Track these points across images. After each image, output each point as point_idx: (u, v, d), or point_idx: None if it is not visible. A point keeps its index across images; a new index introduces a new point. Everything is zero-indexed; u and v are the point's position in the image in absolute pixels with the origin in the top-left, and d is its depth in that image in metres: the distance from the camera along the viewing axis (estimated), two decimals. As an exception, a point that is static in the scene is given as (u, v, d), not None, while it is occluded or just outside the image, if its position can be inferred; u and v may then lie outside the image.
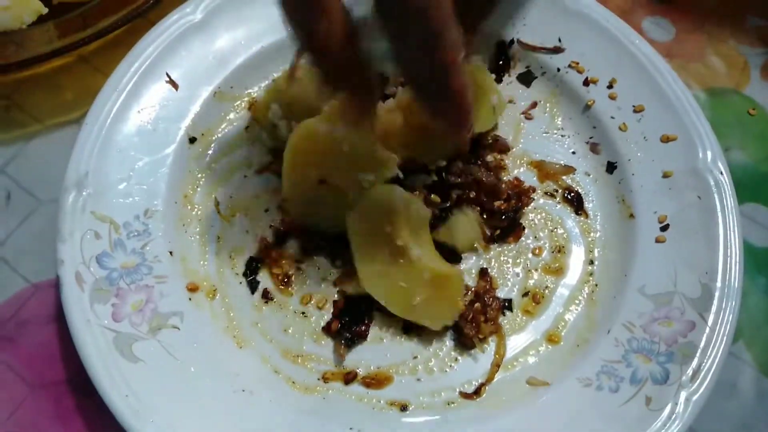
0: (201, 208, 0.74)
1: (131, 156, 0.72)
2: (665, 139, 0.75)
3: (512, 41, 0.81)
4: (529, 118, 0.80)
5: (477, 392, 0.66)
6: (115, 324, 0.64)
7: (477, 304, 0.68)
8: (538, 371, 0.67)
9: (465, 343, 0.68)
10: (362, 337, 0.68)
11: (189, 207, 0.73)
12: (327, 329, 0.68)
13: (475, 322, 0.67)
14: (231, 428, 0.62)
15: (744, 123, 0.86)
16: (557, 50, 0.81)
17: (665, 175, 0.73)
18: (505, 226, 0.73)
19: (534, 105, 0.81)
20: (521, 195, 0.73)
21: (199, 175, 0.75)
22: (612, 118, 0.78)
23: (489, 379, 0.67)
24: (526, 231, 0.74)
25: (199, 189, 0.74)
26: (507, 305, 0.70)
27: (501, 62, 0.82)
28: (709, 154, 0.73)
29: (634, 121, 0.77)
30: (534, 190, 0.75)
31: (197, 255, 0.71)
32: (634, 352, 0.66)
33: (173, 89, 0.76)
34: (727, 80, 0.89)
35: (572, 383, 0.65)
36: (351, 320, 0.68)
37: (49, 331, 0.70)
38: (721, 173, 0.72)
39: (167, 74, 0.76)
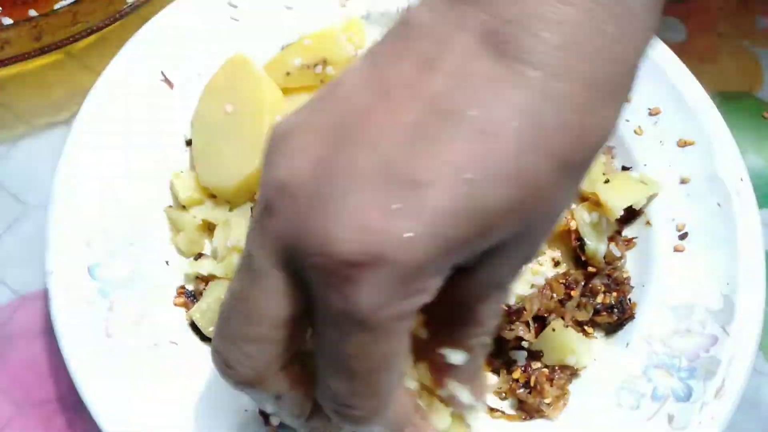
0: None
1: (125, 159, 0.68)
2: (682, 144, 0.72)
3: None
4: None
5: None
6: (109, 339, 0.60)
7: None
8: (554, 387, 0.64)
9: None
10: None
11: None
12: None
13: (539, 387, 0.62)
14: (232, 449, 0.59)
15: (759, 127, 0.84)
16: (569, 51, 0.78)
17: (683, 181, 0.71)
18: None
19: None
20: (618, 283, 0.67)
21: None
22: (627, 121, 0.75)
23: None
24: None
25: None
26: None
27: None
28: (728, 159, 0.70)
29: (650, 124, 0.74)
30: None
31: (195, 264, 0.68)
32: (654, 367, 0.63)
33: (167, 88, 0.72)
34: (740, 83, 0.87)
35: (590, 400, 0.62)
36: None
37: (38, 345, 0.67)
38: (741, 180, 0.69)
39: (162, 73, 0.72)
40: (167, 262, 0.66)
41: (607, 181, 0.68)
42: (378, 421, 0.36)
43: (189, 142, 0.72)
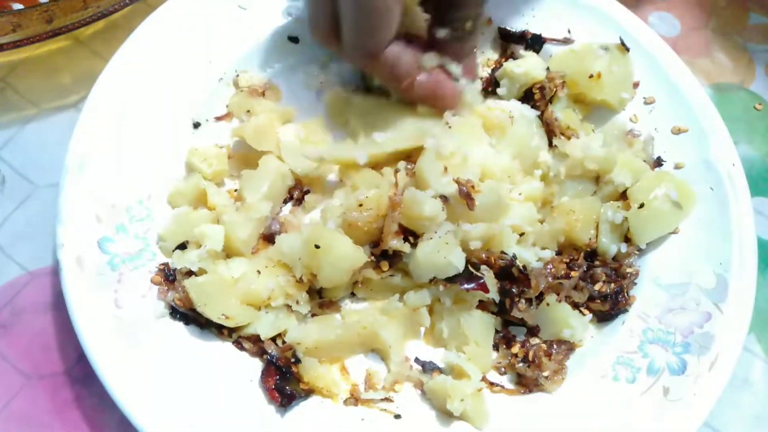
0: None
1: (134, 139, 0.69)
2: (676, 131, 0.75)
3: (522, 33, 0.80)
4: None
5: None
6: (118, 310, 0.61)
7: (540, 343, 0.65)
8: (552, 362, 0.66)
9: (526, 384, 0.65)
10: None
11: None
12: None
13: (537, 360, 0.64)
14: (236, 418, 0.60)
15: (751, 118, 0.86)
16: (567, 41, 0.80)
17: (677, 167, 0.73)
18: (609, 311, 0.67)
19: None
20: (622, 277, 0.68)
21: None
22: (624, 110, 0.77)
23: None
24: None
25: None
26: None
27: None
28: (721, 146, 0.72)
29: (645, 112, 0.76)
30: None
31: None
32: (650, 343, 0.65)
33: (177, 74, 0.73)
34: (733, 76, 0.89)
35: (587, 375, 0.64)
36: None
37: (46, 320, 0.68)
38: (734, 165, 0.71)
39: (171, 57, 0.73)
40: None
41: (641, 206, 0.67)
42: (378, 55, 0.64)
43: (197, 125, 0.74)
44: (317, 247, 0.62)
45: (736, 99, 0.87)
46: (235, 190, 0.72)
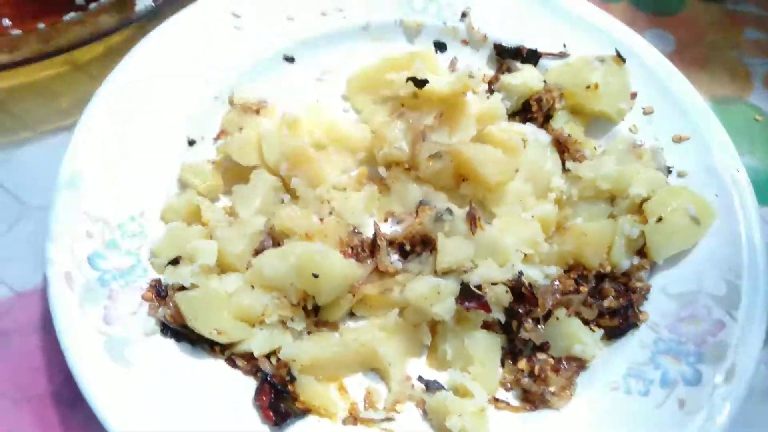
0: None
1: (128, 157, 0.69)
2: (677, 140, 0.74)
3: (518, 48, 0.80)
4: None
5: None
6: (107, 327, 0.59)
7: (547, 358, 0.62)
8: (560, 376, 0.63)
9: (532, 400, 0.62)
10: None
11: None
12: None
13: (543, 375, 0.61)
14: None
15: (751, 129, 0.85)
16: (563, 55, 0.80)
17: (680, 175, 0.72)
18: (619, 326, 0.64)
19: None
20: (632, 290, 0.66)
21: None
22: (622, 120, 0.76)
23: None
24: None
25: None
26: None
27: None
28: (723, 152, 0.71)
29: (644, 122, 0.76)
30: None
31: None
32: (661, 354, 0.62)
33: (172, 93, 0.73)
34: (731, 89, 0.88)
35: (598, 387, 0.61)
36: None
37: (33, 341, 0.65)
38: (737, 171, 0.70)
39: (166, 77, 0.73)
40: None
41: (659, 220, 0.65)
42: None
43: (192, 142, 0.73)
44: (315, 276, 0.60)
45: (735, 111, 0.86)
46: (229, 210, 0.71)
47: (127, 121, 0.70)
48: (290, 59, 0.80)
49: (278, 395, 0.59)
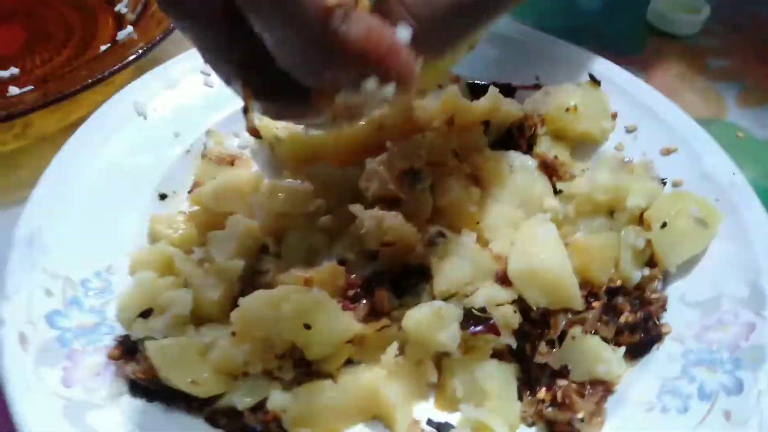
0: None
1: (93, 212, 0.64)
2: (666, 152, 0.72)
3: (492, 84, 0.79)
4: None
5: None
6: (66, 390, 0.52)
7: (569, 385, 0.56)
8: (585, 404, 0.55)
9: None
10: None
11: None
12: None
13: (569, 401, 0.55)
14: None
15: (735, 147, 0.83)
16: (537, 87, 0.79)
17: (675, 185, 0.69)
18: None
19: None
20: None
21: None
22: (606, 140, 0.74)
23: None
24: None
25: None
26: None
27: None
28: (714, 158, 0.69)
29: (629, 140, 0.74)
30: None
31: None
32: (693, 366, 0.56)
33: (141, 147, 0.70)
34: (707, 111, 0.89)
35: (631, 409, 0.54)
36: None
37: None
38: (733, 174, 0.67)
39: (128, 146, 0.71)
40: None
41: (664, 225, 0.61)
42: None
43: (163, 196, 0.69)
44: (308, 327, 0.55)
45: (716, 131, 0.85)
46: (203, 259, 0.65)
47: (91, 176, 0.67)
48: (263, 112, 0.78)
49: (269, 453, 0.51)
